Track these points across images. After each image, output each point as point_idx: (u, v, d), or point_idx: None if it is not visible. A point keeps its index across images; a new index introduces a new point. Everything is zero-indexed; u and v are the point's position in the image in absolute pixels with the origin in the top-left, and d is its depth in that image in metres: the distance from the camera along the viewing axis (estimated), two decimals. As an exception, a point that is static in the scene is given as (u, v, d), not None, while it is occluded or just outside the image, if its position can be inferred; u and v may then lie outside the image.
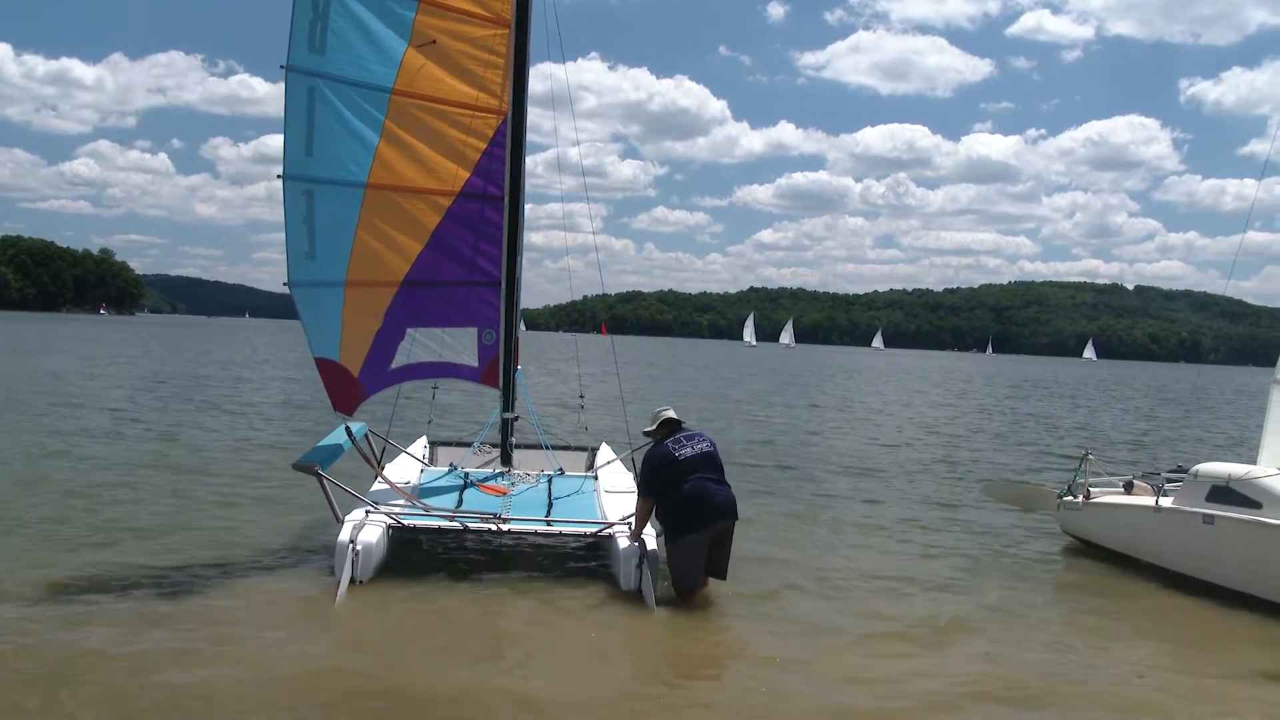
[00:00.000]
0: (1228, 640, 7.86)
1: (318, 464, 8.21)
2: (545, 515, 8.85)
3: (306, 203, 8.70)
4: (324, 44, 8.56)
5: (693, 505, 7.64)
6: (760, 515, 11.44)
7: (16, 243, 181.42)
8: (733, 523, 7.83)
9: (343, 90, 8.77)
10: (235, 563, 8.51)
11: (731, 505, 7.81)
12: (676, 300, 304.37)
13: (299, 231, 8.73)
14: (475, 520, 8.41)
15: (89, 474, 12.54)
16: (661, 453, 7.93)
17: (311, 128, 8.62)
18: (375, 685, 5.92)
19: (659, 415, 8.38)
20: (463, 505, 9.01)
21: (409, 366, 9.79)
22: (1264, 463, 9.10)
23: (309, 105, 8.59)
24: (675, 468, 7.76)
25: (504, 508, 8.88)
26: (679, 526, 7.67)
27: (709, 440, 8.10)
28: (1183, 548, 9.28)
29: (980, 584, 9.29)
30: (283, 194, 8.61)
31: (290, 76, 8.49)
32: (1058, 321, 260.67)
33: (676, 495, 7.70)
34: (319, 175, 8.78)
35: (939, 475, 16.42)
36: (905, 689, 6.39)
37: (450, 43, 9.32)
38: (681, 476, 7.71)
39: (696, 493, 7.65)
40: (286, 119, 8.53)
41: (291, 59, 8.47)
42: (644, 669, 6.75)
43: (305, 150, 8.64)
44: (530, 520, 8.57)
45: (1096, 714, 6.14)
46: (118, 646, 6.33)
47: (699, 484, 7.68)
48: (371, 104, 8.94)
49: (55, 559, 8.34)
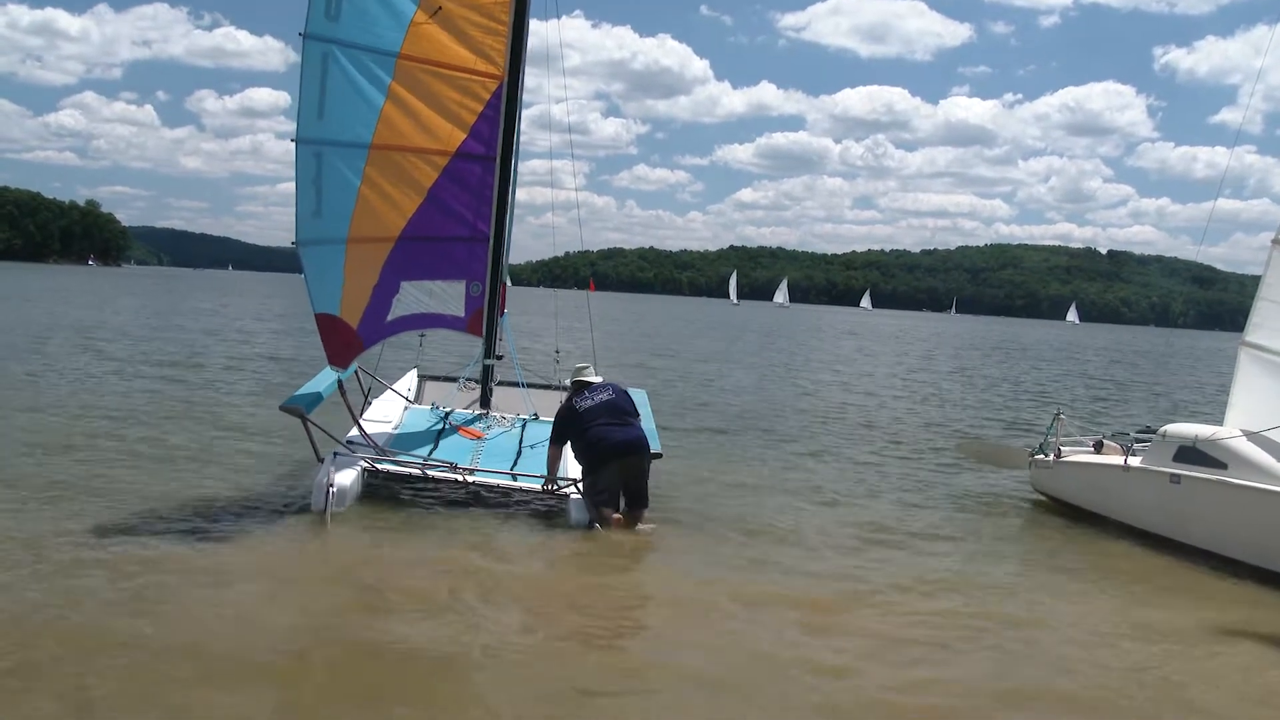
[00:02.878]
0: (1189, 596, 8.11)
1: (302, 407, 8.98)
2: (513, 465, 9.74)
3: (316, 164, 9.04)
4: (339, 11, 8.87)
5: (593, 446, 8.78)
6: (733, 464, 12.22)
7: (3, 193, 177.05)
8: (639, 459, 8.83)
9: (354, 55, 9.09)
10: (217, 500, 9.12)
11: (631, 442, 8.83)
12: (657, 258, 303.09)
13: (308, 191, 9.05)
14: (443, 470, 9.33)
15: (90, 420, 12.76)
16: (566, 407, 9.23)
17: (323, 92, 8.94)
18: (341, 633, 6.25)
19: (576, 374, 9.67)
20: (439, 448, 9.97)
21: (402, 318, 10.21)
22: (1230, 424, 9.32)
23: (322, 70, 8.90)
24: (577, 417, 8.95)
25: (476, 452, 9.89)
26: (587, 466, 8.85)
27: (611, 389, 9.31)
28: (1150, 506, 9.60)
29: (949, 539, 9.59)
30: (295, 157, 8.90)
31: (307, 44, 8.83)
32: (1033, 284, 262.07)
33: (580, 440, 8.90)
34: (329, 138, 9.12)
35: (916, 432, 16.77)
36: (858, 637, 6.64)
37: (456, 9, 9.67)
38: (583, 424, 8.88)
39: (595, 436, 8.80)
40: (302, 84, 8.85)
41: (310, 27, 8.82)
42: (590, 603, 7.24)
43: (317, 114, 8.98)
44: (495, 473, 9.49)
45: (1041, 666, 6.32)
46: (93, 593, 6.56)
47: (598, 429, 8.82)
48: (380, 67, 9.27)
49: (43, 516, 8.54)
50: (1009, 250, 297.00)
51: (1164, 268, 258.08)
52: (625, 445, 8.78)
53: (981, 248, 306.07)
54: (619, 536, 8.63)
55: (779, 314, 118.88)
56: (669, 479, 10.61)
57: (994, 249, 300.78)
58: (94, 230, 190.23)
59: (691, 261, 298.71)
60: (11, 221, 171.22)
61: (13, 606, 6.16)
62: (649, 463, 8.97)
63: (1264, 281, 9.75)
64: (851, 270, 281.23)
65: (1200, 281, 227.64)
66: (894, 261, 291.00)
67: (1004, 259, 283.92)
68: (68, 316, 34.81)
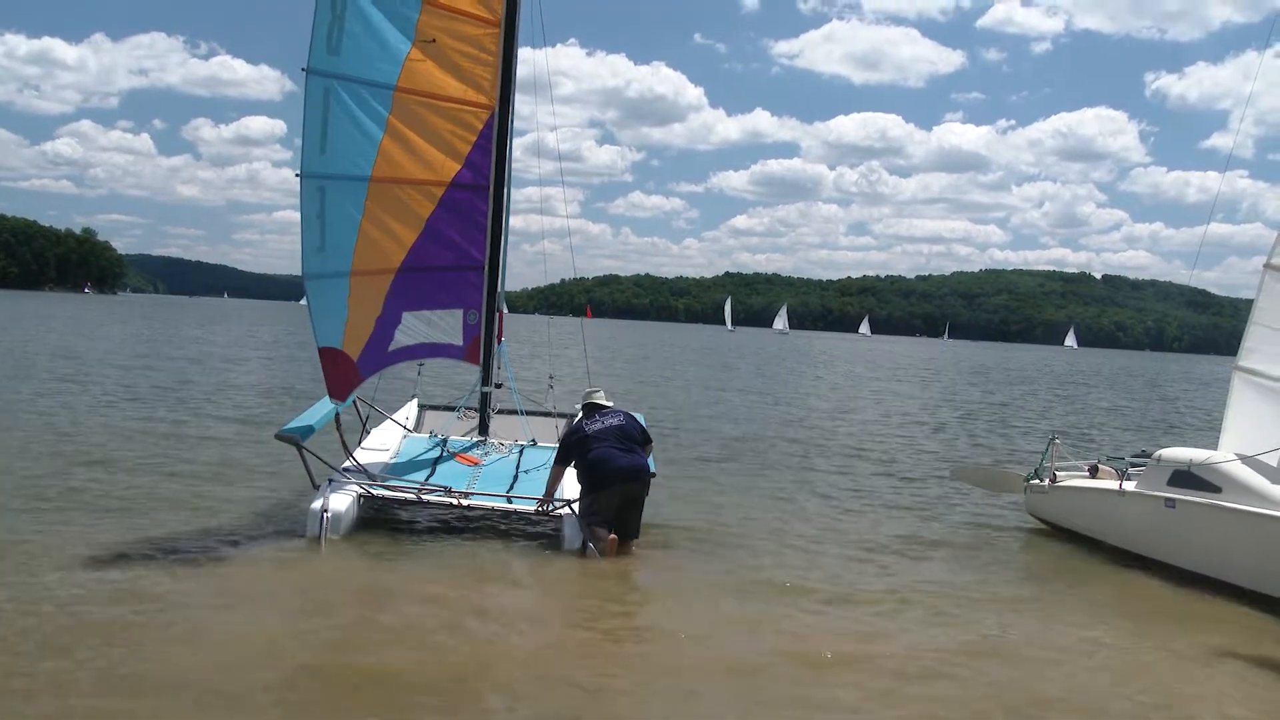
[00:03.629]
0: (1184, 619, 8.13)
1: (298, 435, 9.04)
2: (509, 489, 9.73)
3: (320, 199, 9.22)
4: (339, 45, 9.06)
5: (596, 468, 8.78)
6: (731, 488, 12.41)
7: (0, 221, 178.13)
8: (639, 486, 8.88)
9: (354, 89, 9.27)
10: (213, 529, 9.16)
11: (635, 469, 8.85)
12: (653, 284, 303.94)
13: (313, 226, 9.24)
14: (438, 495, 9.37)
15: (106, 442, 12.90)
16: (574, 428, 9.31)
17: (325, 126, 9.12)
18: (334, 659, 6.26)
19: (586, 397, 9.65)
20: (436, 474, 9.99)
21: (404, 349, 10.37)
22: (1224, 448, 9.36)
23: (324, 105, 9.08)
24: (584, 440, 8.96)
25: (473, 478, 9.91)
26: (587, 487, 8.85)
27: (622, 415, 9.33)
28: (1145, 530, 9.62)
29: (943, 564, 9.62)
30: (300, 192, 9.09)
31: (310, 79, 9.01)
32: (1028, 308, 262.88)
33: (584, 461, 8.89)
34: (332, 171, 9.31)
35: (911, 458, 16.79)
36: (855, 656, 6.70)
37: (448, 41, 9.85)
38: (589, 446, 8.87)
39: (598, 457, 8.80)
40: (305, 119, 9.03)
41: (312, 62, 9.00)
42: (583, 626, 7.31)
43: (320, 149, 9.15)
44: (491, 496, 9.48)
45: (1037, 690, 6.30)
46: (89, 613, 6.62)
47: (602, 450, 8.82)
48: (378, 100, 9.44)
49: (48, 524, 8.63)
50: (1004, 275, 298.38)
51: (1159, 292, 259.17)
52: (629, 471, 8.81)
53: (976, 273, 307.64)
54: (613, 562, 8.63)
55: (779, 341, 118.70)
56: (668, 501, 10.77)
57: (988, 274, 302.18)
58: (90, 258, 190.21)
59: (687, 288, 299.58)
60: (8, 250, 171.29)
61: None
62: (647, 492, 9.02)
63: (1256, 306, 9.81)
64: (847, 296, 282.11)
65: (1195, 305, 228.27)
66: (889, 287, 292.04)
67: (999, 284, 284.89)
68: (48, 342, 34.78)
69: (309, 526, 8.69)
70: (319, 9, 8.92)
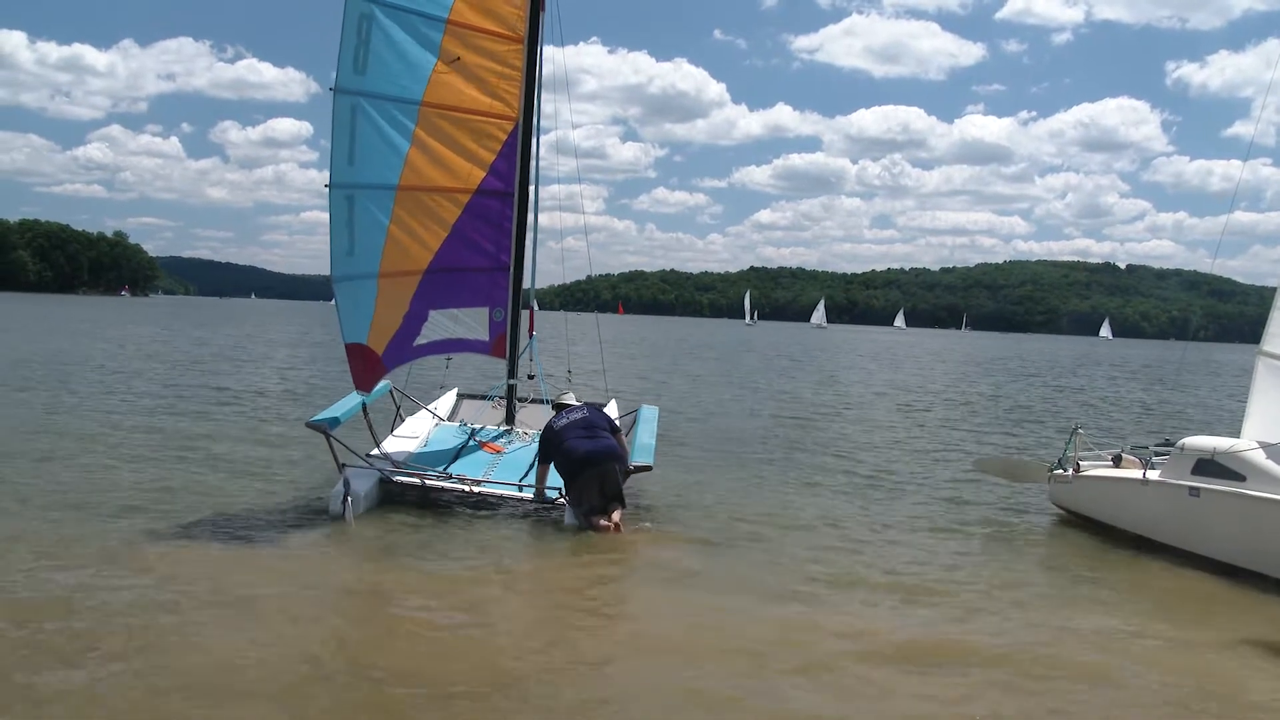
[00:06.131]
0: (1209, 608, 8.15)
1: (326, 424, 9.82)
2: (524, 476, 10.47)
3: (348, 206, 9.68)
4: (365, 65, 9.54)
5: (568, 456, 9.72)
6: (749, 480, 12.95)
7: (34, 226, 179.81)
8: (609, 464, 9.66)
9: (380, 105, 9.75)
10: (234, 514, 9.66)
11: (599, 451, 9.70)
12: (678, 280, 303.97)
13: (341, 232, 9.70)
14: (453, 482, 10.17)
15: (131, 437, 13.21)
16: (547, 426, 10.20)
17: (353, 140, 9.58)
18: (337, 658, 6.31)
19: (557, 398, 10.80)
20: (457, 462, 10.77)
21: (430, 343, 10.94)
22: (1248, 434, 9.34)
23: (351, 121, 9.54)
24: (555, 435, 9.92)
25: (492, 465, 10.75)
26: (566, 475, 9.75)
27: (586, 408, 10.33)
28: (1169, 519, 9.63)
29: (968, 553, 9.68)
30: (329, 201, 9.53)
31: (337, 98, 9.48)
32: (1053, 299, 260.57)
33: (558, 454, 9.82)
34: (359, 181, 9.76)
35: (936, 448, 16.79)
36: (873, 642, 6.80)
37: (472, 57, 10.31)
38: (560, 439, 9.83)
39: (569, 448, 9.75)
40: (333, 134, 9.51)
41: (339, 81, 9.49)
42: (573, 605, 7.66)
43: (348, 160, 9.61)
44: (503, 484, 10.26)
45: (1066, 679, 6.31)
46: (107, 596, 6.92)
47: (572, 441, 9.79)
48: (404, 115, 9.90)
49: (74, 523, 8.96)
50: (1028, 266, 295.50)
51: (1183, 281, 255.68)
52: (593, 454, 9.67)
53: (1000, 264, 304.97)
54: (622, 554, 9.02)
55: (817, 335, 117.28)
56: (696, 497, 11.31)
57: (1013, 265, 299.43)
58: (122, 261, 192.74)
59: (712, 283, 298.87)
60: (42, 254, 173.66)
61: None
62: (619, 469, 9.76)
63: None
64: (871, 289, 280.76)
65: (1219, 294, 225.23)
66: (914, 280, 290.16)
67: (1023, 275, 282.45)
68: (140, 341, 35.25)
69: (332, 506, 9.35)
70: (345, 32, 9.38)
